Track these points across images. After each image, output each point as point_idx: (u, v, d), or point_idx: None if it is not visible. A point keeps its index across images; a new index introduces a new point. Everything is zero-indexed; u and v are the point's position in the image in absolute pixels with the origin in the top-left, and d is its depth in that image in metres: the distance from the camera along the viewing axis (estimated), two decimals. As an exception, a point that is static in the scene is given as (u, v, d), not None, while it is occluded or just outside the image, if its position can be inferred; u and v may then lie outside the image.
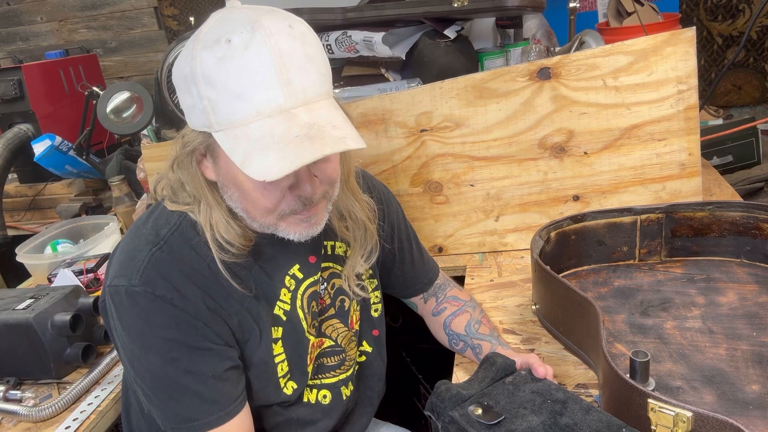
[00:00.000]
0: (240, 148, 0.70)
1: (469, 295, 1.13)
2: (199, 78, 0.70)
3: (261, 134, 0.69)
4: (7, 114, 2.16)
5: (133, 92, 1.88)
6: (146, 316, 0.77)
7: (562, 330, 1.01)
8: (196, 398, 0.78)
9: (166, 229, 0.81)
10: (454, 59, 1.50)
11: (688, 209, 1.13)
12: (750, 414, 0.78)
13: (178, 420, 0.79)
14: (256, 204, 0.77)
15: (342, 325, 0.97)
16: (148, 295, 0.77)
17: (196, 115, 0.74)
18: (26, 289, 1.47)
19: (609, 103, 1.25)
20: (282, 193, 0.77)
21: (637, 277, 1.14)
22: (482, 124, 1.31)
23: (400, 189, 1.40)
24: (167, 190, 0.85)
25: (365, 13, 1.50)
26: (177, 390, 0.78)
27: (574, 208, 1.32)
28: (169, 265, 0.78)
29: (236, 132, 0.70)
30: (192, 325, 0.78)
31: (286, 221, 0.80)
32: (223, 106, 0.70)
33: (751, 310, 1.00)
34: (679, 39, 1.19)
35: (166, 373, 0.78)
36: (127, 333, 0.79)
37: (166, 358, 0.77)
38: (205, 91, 0.70)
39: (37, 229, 2.06)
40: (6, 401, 1.09)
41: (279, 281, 0.87)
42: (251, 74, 0.68)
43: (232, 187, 0.78)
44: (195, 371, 0.78)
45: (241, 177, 0.75)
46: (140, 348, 0.78)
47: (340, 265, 0.96)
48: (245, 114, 0.70)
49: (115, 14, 2.87)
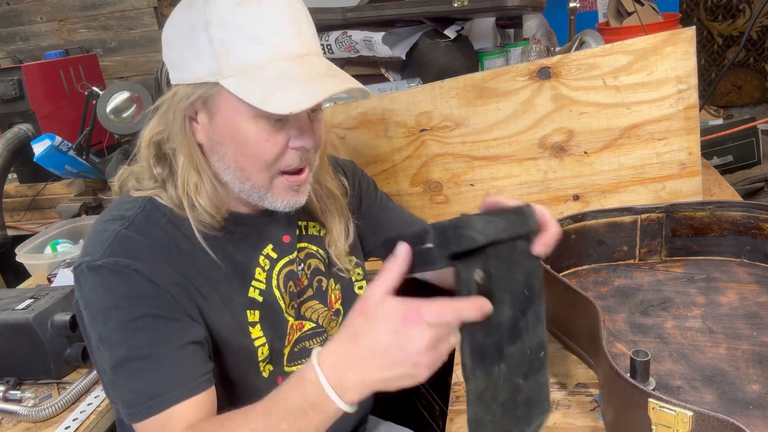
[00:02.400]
0: (257, 88, 0.72)
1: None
2: (213, 22, 0.72)
3: (279, 74, 0.72)
4: (7, 114, 2.16)
5: (133, 92, 1.88)
6: (107, 287, 0.74)
7: (562, 329, 1.01)
8: (159, 370, 0.73)
9: (132, 211, 0.80)
10: (454, 59, 1.50)
11: (689, 209, 1.13)
12: (750, 414, 0.78)
13: (140, 400, 0.72)
14: (257, 157, 0.77)
15: (321, 306, 0.96)
16: (111, 266, 0.73)
17: (202, 63, 0.73)
18: (26, 289, 1.47)
19: (609, 102, 1.25)
20: (284, 147, 0.78)
21: (637, 276, 1.14)
22: (482, 123, 1.31)
23: (400, 189, 1.40)
24: (131, 182, 0.85)
25: (365, 13, 1.51)
26: (140, 365, 0.73)
27: (574, 207, 1.32)
28: (135, 241, 0.76)
29: (251, 74, 0.72)
30: (156, 295, 0.74)
31: (277, 187, 0.80)
32: (237, 49, 0.72)
33: (751, 309, 1.00)
34: (679, 38, 1.19)
35: (128, 347, 0.73)
36: (88, 310, 0.75)
37: (128, 329, 0.73)
38: (219, 34, 0.72)
39: (37, 229, 2.06)
40: (6, 401, 1.09)
41: (254, 260, 0.86)
42: (269, 19, 0.73)
43: (228, 143, 0.77)
44: (158, 342, 0.73)
45: (244, 128, 0.75)
46: (101, 323, 0.74)
47: (315, 245, 0.96)
48: (261, 57, 0.73)
49: (115, 14, 2.87)
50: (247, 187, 0.80)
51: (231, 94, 0.73)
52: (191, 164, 0.79)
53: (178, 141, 0.79)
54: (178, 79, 0.77)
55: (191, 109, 0.77)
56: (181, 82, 0.77)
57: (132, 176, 0.85)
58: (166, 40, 0.78)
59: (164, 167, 0.82)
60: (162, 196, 0.82)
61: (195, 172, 0.79)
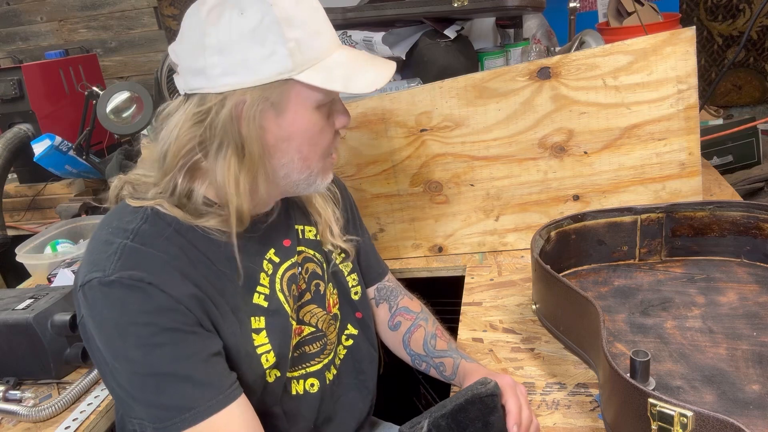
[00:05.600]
0: (337, 74, 0.77)
1: (419, 304, 1.12)
2: (282, 22, 0.74)
3: (347, 60, 0.80)
4: (7, 114, 2.16)
5: (133, 92, 1.88)
6: (122, 304, 0.72)
7: (562, 329, 1.01)
8: (188, 384, 0.71)
9: (134, 223, 0.78)
10: (454, 59, 1.50)
11: (689, 209, 1.13)
12: (750, 414, 0.78)
13: (171, 414, 0.71)
14: (319, 144, 0.82)
15: (320, 310, 0.96)
16: (124, 282, 0.71)
17: (272, 63, 0.74)
18: (26, 289, 1.47)
19: (609, 102, 1.25)
20: (334, 131, 0.85)
21: (637, 276, 1.14)
22: (482, 123, 1.31)
23: (400, 189, 1.40)
24: (128, 189, 0.83)
25: (365, 13, 1.50)
26: (165, 380, 0.71)
27: (574, 207, 1.32)
28: (145, 254, 0.75)
29: (324, 63, 0.77)
30: (173, 308, 0.73)
31: (326, 169, 0.86)
32: (308, 44, 0.76)
33: (751, 309, 1.00)
34: (679, 38, 1.19)
35: (150, 364, 0.71)
36: (102, 328, 0.73)
37: (148, 346, 0.71)
38: (291, 32, 0.75)
39: (37, 229, 2.06)
40: (6, 401, 1.09)
41: (258, 265, 0.86)
42: (319, 12, 0.80)
43: (296, 137, 0.80)
44: (182, 355, 0.72)
45: (312, 118, 0.79)
46: (118, 341, 0.72)
47: (313, 248, 0.97)
48: (324, 48, 0.78)
49: (115, 14, 2.87)
50: (304, 176, 0.84)
51: (302, 87, 0.77)
52: (246, 167, 0.77)
53: (244, 146, 0.77)
54: (237, 84, 0.74)
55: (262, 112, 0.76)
56: (241, 87, 0.74)
57: (128, 185, 0.83)
58: (215, 47, 0.74)
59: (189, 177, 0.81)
60: (165, 206, 0.80)
61: (248, 174, 0.78)
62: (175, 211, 0.80)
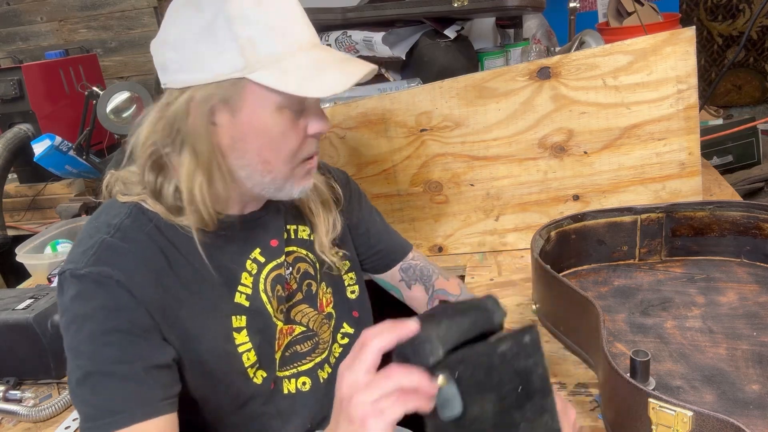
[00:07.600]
0: (291, 77, 0.73)
1: (457, 284, 1.09)
2: (235, 19, 0.72)
3: (310, 61, 0.76)
4: (7, 114, 2.16)
5: (133, 92, 1.88)
6: (85, 297, 0.73)
7: (562, 329, 1.01)
8: (123, 388, 0.72)
9: (118, 218, 0.79)
10: (454, 59, 1.50)
11: (689, 209, 1.13)
12: (750, 414, 0.78)
13: (101, 415, 0.71)
14: (282, 148, 0.78)
15: (311, 309, 0.96)
16: (93, 276, 0.73)
17: (224, 60, 0.73)
18: (26, 289, 1.47)
19: (609, 102, 1.25)
20: (303, 136, 0.80)
21: (637, 276, 1.14)
22: (482, 123, 1.31)
23: (400, 189, 1.40)
24: (118, 186, 0.84)
25: (365, 13, 1.51)
26: (103, 381, 0.72)
27: (574, 207, 1.32)
28: (120, 250, 0.76)
29: (282, 65, 0.74)
30: (133, 309, 0.74)
31: (296, 175, 0.82)
32: (264, 43, 0.73)
33: (751, 309, 1.00)
34: (679, 38, 1.19)
35: (94, 360, 0.72)
36: (65, 316, 0.75)
37: (98, 342, 0.72)
38: (244, 30, 0.72)
39: (37, 229, 2.06)
40: (6, 401, 1.09)
41: (241, 265, 0.86)
42: (287, 11, 0.76)
43: (252, 139, 0.77)
44: (126, 358, 0.72)
45: (270, 120, 0.76)
46: (74, 332, 0.73)
47: (305, 248, 0.96)
48: (287, 48, 0.75)
49: (114, 14, 2.87)
50: (267, 180, 0.81)
51: (257, 87, 0.74)
52: (201, 165, 0.78)
53: (194, 143, 0.77)
54: (191, 81, 0.75)
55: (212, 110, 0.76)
56: (195, 84, 0.75)
57: (119, 181, 0.84)
58: (171, 43, 0.76)
59: (157, 173, 0.81)
60: (148, 202, 0.81)
61: (203, 172, 0.78)
62: (157, 207, 0.80)
